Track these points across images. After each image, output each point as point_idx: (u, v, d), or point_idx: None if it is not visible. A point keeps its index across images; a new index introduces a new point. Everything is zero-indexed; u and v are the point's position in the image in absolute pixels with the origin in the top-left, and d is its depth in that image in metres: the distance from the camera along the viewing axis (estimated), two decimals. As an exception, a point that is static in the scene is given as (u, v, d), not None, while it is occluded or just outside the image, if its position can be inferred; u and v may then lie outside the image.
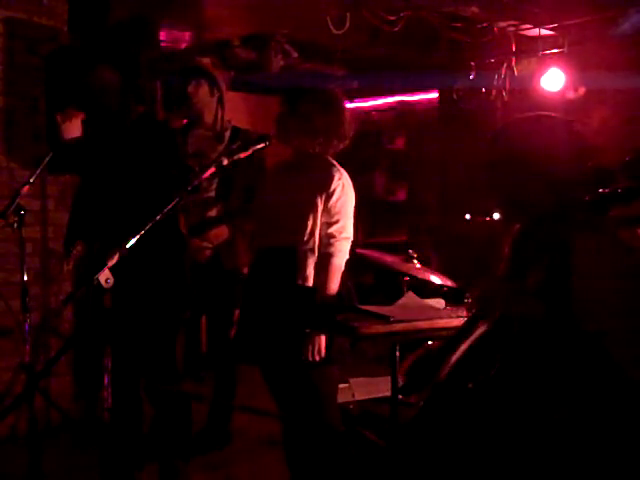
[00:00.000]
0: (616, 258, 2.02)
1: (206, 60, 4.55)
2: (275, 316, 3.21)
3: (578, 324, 1.95)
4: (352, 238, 3.28)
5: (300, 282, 3.18)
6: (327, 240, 3.21)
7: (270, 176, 3.54)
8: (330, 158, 3.33)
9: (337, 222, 3.22)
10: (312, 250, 3.20)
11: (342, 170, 3.29)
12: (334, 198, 3.21)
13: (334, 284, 3.20)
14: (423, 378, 2.34)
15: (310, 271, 3.19)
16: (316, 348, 3.13)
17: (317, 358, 3.14)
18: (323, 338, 3.15)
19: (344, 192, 3.24)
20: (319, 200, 3.20)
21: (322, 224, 3.22)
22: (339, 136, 3.32)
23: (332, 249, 3.20)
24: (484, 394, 2.04)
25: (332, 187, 3.21)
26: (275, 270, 3.25)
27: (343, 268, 3.24)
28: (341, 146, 3.35)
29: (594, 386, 1.96)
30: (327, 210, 3.21)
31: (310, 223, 3.19)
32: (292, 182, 3.32)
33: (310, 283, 3.19)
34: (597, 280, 1.97)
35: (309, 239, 3.20)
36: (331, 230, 3.21)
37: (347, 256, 3.26)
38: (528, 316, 2.03)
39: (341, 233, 3.22)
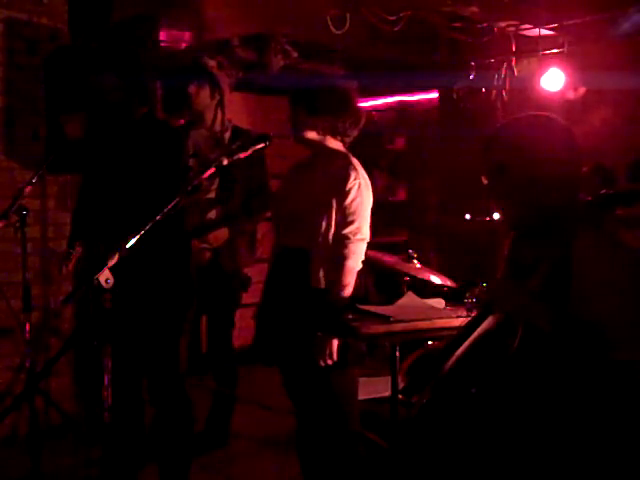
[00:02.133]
0: (617, 259, 2.02)
1: (212, 62, 4.53)
2: (289, 319, 3.15)
3: (580, 325, 1.95)
4: (368, 239, 3.17)
5: (313, 284, 3.11)
6: (341, 241, 3.10)
7: (288, 175, 3.42)
8: (350, 155, 3.23)
9: (352, 223, 3.10)
10: (325, 252, 3.10)
11: (360, 169, 3.17)
12: (349, 198, 3.09)
13: (347, 287, 3.09)
14: (424, 378, 2.33)
15: (323, 273, 3.11)
16: (327, 352, 3.03)
17: (329, 362, 3.04)
18: (335, 342, 3.05)
19: (360, 192, 3.11)
20: (333, 200, 3.10)
21: (336, 225, 3.11)
22: (353, 120, 3.23)
23: (346, 251, 3.09)
24: (487, 397, 2.04)
25: (347, 187, 3.10)
26: (289, 271, 3.18)
27: (358, 269, 3.13)
28: (356, 132, 3.26)
29: (598, 387, 1.96)
30: (341, 210, 3.10)
31: (324, 224, 3.10)
32: (308, 181, 3.23)
33: (323, 285, 3.11)
34: (598, 281, 1.97)
35: (323, 240, 3.11)
36: (345, 231, 3.10)
37: (362, 257, 3.15)
38: (532, 322, 2.02)
39: (355, 234, 3.10)
